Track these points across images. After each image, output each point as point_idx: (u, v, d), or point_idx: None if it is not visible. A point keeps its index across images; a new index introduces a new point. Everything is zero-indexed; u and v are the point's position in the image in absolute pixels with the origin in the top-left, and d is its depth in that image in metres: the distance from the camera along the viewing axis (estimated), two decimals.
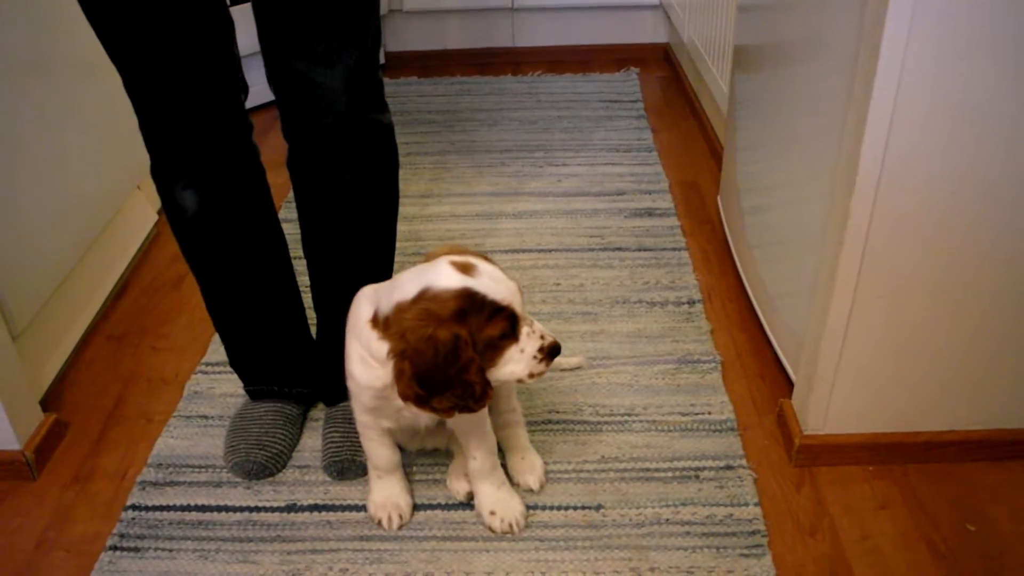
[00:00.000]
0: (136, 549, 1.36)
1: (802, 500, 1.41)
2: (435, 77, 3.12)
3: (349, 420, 1.51)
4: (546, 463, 1.45)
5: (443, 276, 1.12)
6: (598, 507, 1.39)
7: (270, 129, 1.68)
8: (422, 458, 1.49)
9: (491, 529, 1.35)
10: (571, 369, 1.68)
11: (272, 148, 1.52)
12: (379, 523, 1.37)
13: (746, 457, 1.47)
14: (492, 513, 1.35)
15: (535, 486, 1.41)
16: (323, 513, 1.40)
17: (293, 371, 1.55)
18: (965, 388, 1.39)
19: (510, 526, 1.34)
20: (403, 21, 3.21)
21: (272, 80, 1.32)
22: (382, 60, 3.18)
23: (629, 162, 2.45)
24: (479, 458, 1.34)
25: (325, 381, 1.56)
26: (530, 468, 1.42)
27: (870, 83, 1.15)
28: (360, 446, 1.46)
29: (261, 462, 1.47)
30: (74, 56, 1.79)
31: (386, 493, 1.38)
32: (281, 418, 1.53)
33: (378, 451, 1.35)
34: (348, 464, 1.46)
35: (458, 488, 1.41)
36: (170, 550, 1.35)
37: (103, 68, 1.23)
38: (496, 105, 2.87)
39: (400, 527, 1.37)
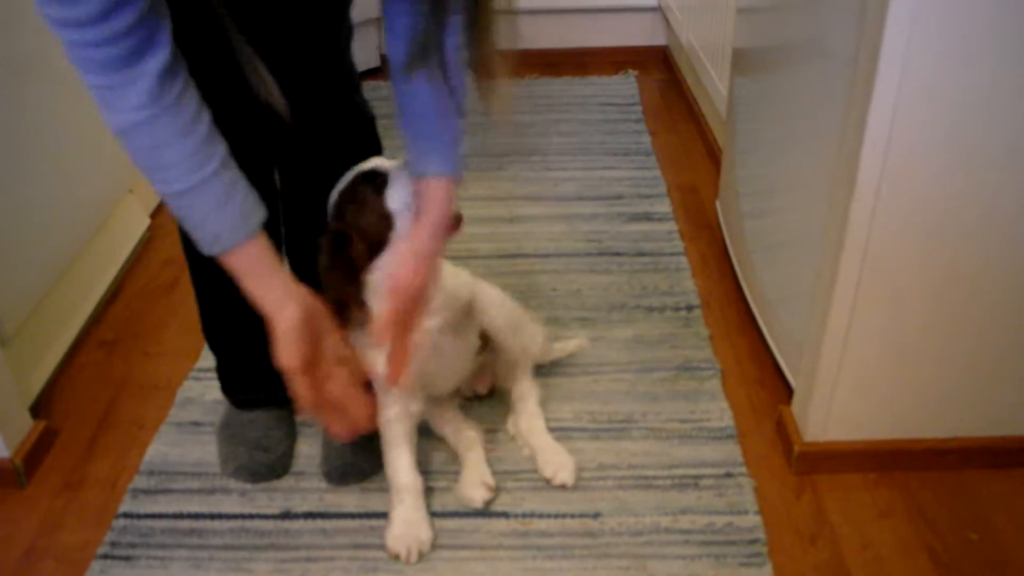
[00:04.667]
0: (128, 558, 1.34)
1: (802, 508, 1.39)
2: None
3: None
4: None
5: None
6: (596, 515, 1.38)
7: None
8: (422, 466, 1.47)
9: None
10: (574, 354, 1.69)
11: None
12: (396, 557, 1.30)
13: (746, 465, 1.46)
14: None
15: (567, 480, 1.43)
16: (317, 521, 1.39)
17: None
18: (968, 394, 1.38)
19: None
20: None
21: None
22: (376, 63, 3.20)
23: (627, 166, 2.43)
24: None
25: None
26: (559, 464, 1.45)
27: (870, 85, 1.14)
28: (362, 447, 1.44)
29: (267, 463, 1.44)
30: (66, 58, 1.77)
31: (408, 522, 1.32)
32: (274, 419, 1.51)
33: (400, 459, 1.34)
34: (349, 468, 1.43)
35: (473, 496, 1.38)
36: (162, 558, 1.33)
37: None
38: None
39: (419, 561, 1.31)
